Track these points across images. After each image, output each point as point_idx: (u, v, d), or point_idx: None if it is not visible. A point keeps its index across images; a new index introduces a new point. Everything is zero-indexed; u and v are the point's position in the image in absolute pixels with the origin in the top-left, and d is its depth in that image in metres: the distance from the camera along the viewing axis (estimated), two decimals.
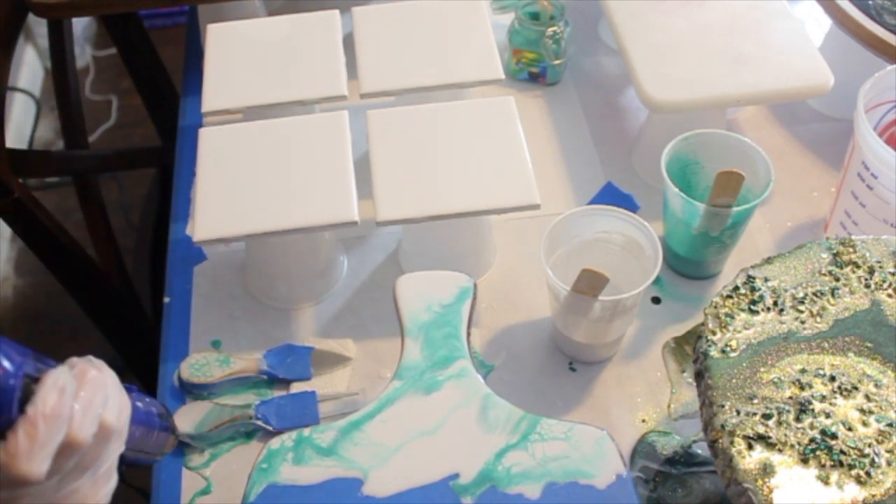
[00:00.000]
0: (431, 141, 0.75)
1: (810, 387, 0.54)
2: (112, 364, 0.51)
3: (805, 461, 0.51)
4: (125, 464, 0.60)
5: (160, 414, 0.63)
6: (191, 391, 0.74)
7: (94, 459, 0.48)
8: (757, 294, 0.59)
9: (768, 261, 0.61)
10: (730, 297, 0.59)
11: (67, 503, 0.47)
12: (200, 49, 0.96)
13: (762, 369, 0.55)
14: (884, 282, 0.59)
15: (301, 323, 0.79)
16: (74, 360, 0.48)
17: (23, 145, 1.97)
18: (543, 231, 0.70)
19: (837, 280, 0.59)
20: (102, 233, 1.21)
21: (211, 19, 0.89)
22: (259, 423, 0.71)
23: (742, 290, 0.59)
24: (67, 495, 0.47)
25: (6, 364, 0.42)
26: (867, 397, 0.53)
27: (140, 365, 1.24)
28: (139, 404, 0.60)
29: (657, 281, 0.79)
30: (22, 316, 1.73)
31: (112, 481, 0.51)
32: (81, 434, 0.45)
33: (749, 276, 0.60)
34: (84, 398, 0.45)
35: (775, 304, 0.58)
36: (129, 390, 0.60)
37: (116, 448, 0.50)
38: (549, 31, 0.92)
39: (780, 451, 0.51)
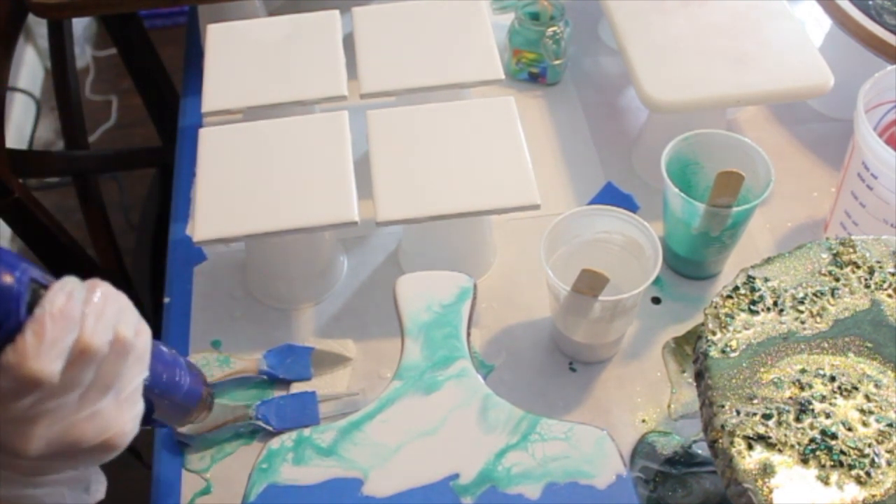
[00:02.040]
0: (431, 141, 0.75)
1: (810, 387, 0.54)
2: None
3: (805, 461, 0.51)
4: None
5: (189, 364, 0.63)
6: None
7: (114, 377, 0.47)
8: (757, 294, 0.59)
9: (768, 261, 0.61)
10: (730, 297, 0.59)
11: (92, 426, 0.46)
12: (200, 49, 0.96)
13: (762, 369, 0.55)
14: (884, 282, 0.59)
15: (301, 323, 0.79)
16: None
17: (23, 145, 1.97)
18: (543, 231, 0.70)
19: (837, 280, 0.59)
20: (102, 233, 1.21)
21: (211, 19, 0.89)
22: (259, 423, 0.70)
23: (742, 290, 0.59)
24: (91, 417, 0.46)
25: (11, 267, 0.43)
26: (867, 397, 0.53)
27: None
28: (164, 349, 0.59)
29: (657, 281, 0.79)
30: None
31: (138, 406, 0.50)
32: (94, 340, 0.45)
33: (749, 276, 0.60)
34: (95, 305, 0.45)
35: (775, 304, 0.58)
36: (154, 344, 0.60)
37: (138, 371, 0.49)
38: (549, 31, 0.92)
39: (780, 451, 0.51)
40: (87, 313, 0.45)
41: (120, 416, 0.48)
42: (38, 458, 0.45)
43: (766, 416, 0.53)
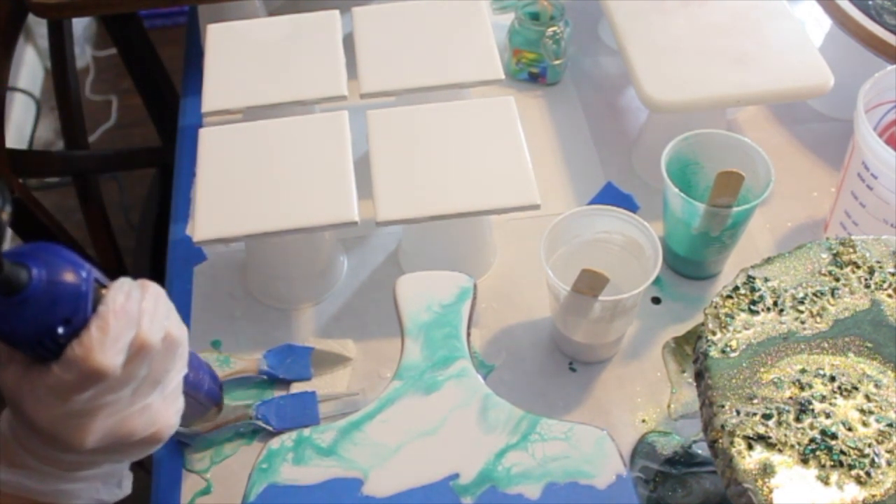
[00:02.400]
0: (431, 141, 0.75)
1: (810, 387, 0.54)
2: None
3: (805, 461, 0.51)
4: None
5: (210, 367, 0.65)
6: None
7: (163, 373, 0.49)
8: (757, 294, 0.59)
9: (768, 261, 0.61)
10: (730, 297, 0.59)
11: (142, 419, 0.48)
12: (200, 49, 0.96)
13: (762, 369, 0.55)
14: (884, 282, 0.59)
15: (301, 323, 0.79)
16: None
17: (23, 145, 1.97)
18: (543, 231, 0.70)
19: (837, 280, 0.59)
20: (102, 233, 1.21)
21: (211, 19, 0.89)
22: (259, 423, 0.70)
23: (742, 290, 0.59)
24: (141, 411, 0.48)
25: (78, 267, 0.45)
26: (867, 397, 0.53)
27: None
28: (192, 351, 0.61)
29: (657, 281, 0.79)
30: None
31: (179, 401, 0.52)
32: (151, 336, 0.47)
33: (749, 276, 0.60)
34: (149, 303, 0.48)
35: (775, 304, 0.58)
36: None
37: (181, 368, 0.51)
38: (549, 31, 0.92)
39: (780, 451, 0.51)
40: (144, 311, 0.47)
41: (166, 410, 0.50)
42: (90, 452, 0.47)
43: (766, 416, 0.53)
